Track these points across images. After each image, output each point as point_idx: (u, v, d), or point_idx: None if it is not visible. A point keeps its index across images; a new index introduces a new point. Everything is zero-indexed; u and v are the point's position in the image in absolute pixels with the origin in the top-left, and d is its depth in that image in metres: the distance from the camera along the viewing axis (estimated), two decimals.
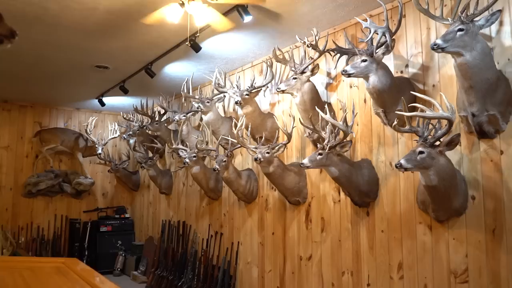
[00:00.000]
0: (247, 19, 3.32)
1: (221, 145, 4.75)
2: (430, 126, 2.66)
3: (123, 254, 6.90)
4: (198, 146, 4.64)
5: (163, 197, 6.61)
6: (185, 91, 4.88)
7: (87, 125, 6.92)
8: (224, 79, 4.68)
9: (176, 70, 5.10)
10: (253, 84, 4.23)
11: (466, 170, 2.81)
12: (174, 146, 5.07)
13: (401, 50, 3.26)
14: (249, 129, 4.12)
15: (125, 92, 5.54)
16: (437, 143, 2.58)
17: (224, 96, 4.92)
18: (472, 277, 2.72)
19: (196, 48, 3.90)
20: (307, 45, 3.52)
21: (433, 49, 2.46)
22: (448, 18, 2.64)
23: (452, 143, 2.53)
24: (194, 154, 4.84)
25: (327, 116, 3.15)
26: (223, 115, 5.13)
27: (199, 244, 5.53)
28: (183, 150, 4.98)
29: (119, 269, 6.81)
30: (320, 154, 3.19)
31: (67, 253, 7.05)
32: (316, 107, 3.35)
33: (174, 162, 6.36)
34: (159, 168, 6.39)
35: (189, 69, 5.03)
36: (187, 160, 4.81)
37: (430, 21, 3.07)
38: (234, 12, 3.36)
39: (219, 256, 5.08)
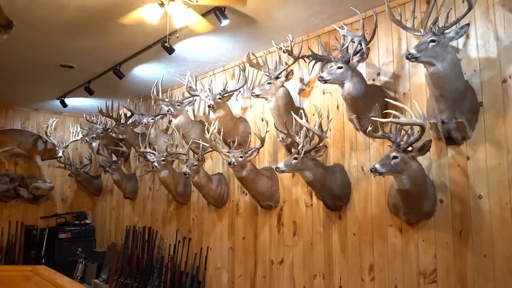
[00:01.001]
0: (225, 22, 3.32)
1: (191, 149, 4.69)
2: (403, 132, 2.77)
3: (83, 262, 6.62)
4: (168, 150, 4.56)
5: (127, 202, 6.42)
6: (155, 93, 4.79)
7: (47, 127, 6.61)
8: (195, 82, 4.64)
9: (145, 72, 4.99)
10: (226, 88, 4.22)
11: (434, 175, 2.94)
12: (142, 150, 4.95)
13: (373, 58, 3.37)
14: (222, 133, 4.10)
15: (90, 93, 5.36)
16: (410, 148, 2.68)
17: (195, 99, 4.87)
18: (440, 277, 2.85)
19: (170, 50, 3.84)
20: (283, 51, 3.56)
21: (407, 58, 2.57)
22: (420, 29, 2.77)
23: (424, 149, 2.64)
24: (163, 158, 4.74)
25: (303, 121, 3.20)
26: (193, 118, 5.07)
27: (166, 250, 5.41)
28: (151, 154, 4.87)
29: (78, 278, 6.52)
30: (295, 158, 3.23)
31: (22, 261, 6.66)
32: (292, 112, 3.39)
33: (140, 166, 6.20)
34: (124, 172, 6.21)
35: (159, 71, 4.94)
36: (156, 164, 4.70)
37: (401, 32, 3.20)
38: (211, 15, 3.35)
39: (187, 262, 5.00)
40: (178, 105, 4.65)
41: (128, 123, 5.66)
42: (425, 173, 2.81)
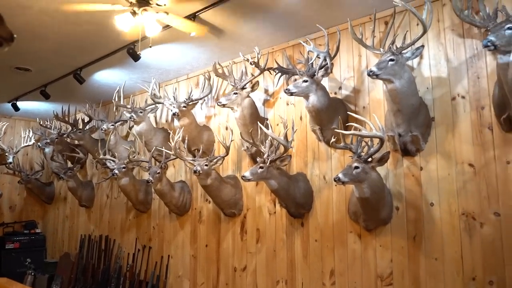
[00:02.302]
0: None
1: (154, 157, 4.66)
2: (363, 144, 2.94)
3: (33, 273, 6.28)
4: (130, 157, 4.50)
5: (82, 210, 6.21)
6: (117, 99, 4.72)
7: None
8: (159, 89, 4.62)
9: (107, 77, 4.90)
10: (190, 97, 4.26)
11: (391, 184, 3.15)
12: (101, 156, 4.84)
13: (335, 73, 3.56)
14: (186, 141, 4.12)
15: (46, 97, 5.16)
16: (370, 159, 2.86)
17: (157, 106, 4.85)
18: (396, 280, 3.04)
19: (136, 57, 3.82)
20: (250, 63, 3.66)
21: (368, 75, 2.75)
22: (380, 48, 2.98)
23: (383, 160, 2.83)
24: (124, 165, 4.67)
25: (270, 132, 3.31)
26: (155, 125, 5.04)
27: (124, 259, 5.30)
28: (111, 161, 4.78)
29: None
30: (261, 167, 3.32)
31: None
32: (258, 123, 3.49)
33: (97, 173, 6.04)
34: (80, 179, 6.00)
35: (121, 77, 4.88)
36: (116, 171, 4.62)
37: (362, 49, 3.41)
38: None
39: (147, 270, 4.93)
40: (141, 112, 4.61)
41: (85, 128, 5.51)
42: (383, 182, 3.01)
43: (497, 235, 2.66)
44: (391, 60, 2.75)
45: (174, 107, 4.13)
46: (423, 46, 2.89)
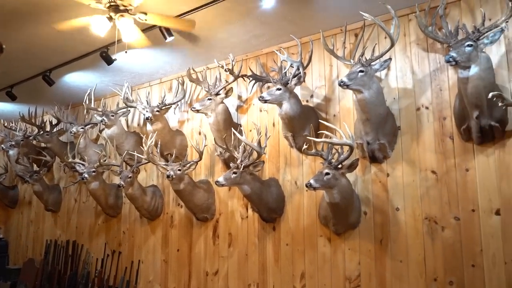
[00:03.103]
0: (170, 39, 3.39)
1: (125, 161, 4.62)
2: (334, 151, 3.06)
3: None
4: (101, 161, 4.44)
5: (48, 215, 6.04)
6: (87, 102, 4.65)
7: None
8: (131, 93, 4.60)
9: (77, 79, 4.82)
10: (164, 101, 4.26)
11: (359, 190, 3.29)
12: (70, 160, 4.74)
13: (307, 81, 3.66)
14: (159, 146, 4.12)
15: (12, 98, 5.01)
16: (340, 166, 2.97)
17: (129, 110, 4.81)
18: (364, 282, 3.17)
19: (109, 61, 3.80)
20: (225, 69, 3.71)
21: (340, 85, 2.87)
22: (350, 59, 3.12)
23: (352, 166, 2.95)
24: (94, 169, 4.60)
25: (244, 138, 3.37)
26: (126, 129, 5.00)
27: (92, 265, 5.20)
28: (80, 165, 4.70)
29: None
30: (234, 173, 3.38)
31: None
32: (232, 129, 3.55)
33: (64, 176, 5.90)
34: (46, 183, 5.84)
35: (92, 80, 4.81)
36: (86, 175, 4.55)
37: (333, 59, 3.53)
38: (156, 29, 3.40)
39: (116, 276, 4.86)
40: (112, 116, 4.57)
41: (53, 131, 5.38)
42: (352, 188, 3.13)
43: (456, 238, 2.84)
44: (361, 71, 2.89)
45: (147, 111, 4.12)
46: (390, 58, 3.04)
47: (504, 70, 2.78)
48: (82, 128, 4.91)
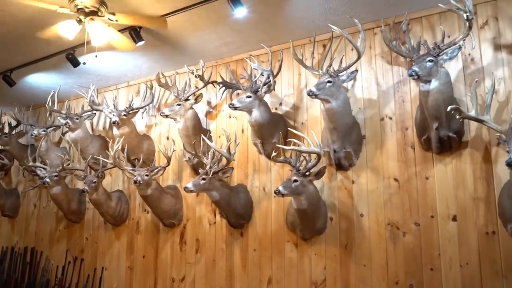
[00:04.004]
0: (140, 43, 3.36)
1: (89, 165, 4.51)
2: (302, 158, 3.13)
3: None
4: (65, 165, 4.31)
5: (5, 220, 5.77)
6: (50, 104, 4.51)
7: None
8: (97, 96, 4.50)
9: (40, 80, 4.66)
10: (131, 105, 4.20)
11: (326, 196, 3.38)
12: (31, 164, 4.57)
13: (276, 89, 3.73)
14: (125, 150, 4.05)
15: None
16: (308, 173, 3.05)
17: (95, 113, 4.70)
18: (329, 286, 3.26)
19: (75, 63, 3.71)
20: (195, 76, 3.72)
21: (308, 94, 2.95)
22: (319, 69, 3.21)
23: (320, 174, 3.04)
24: (56, 173, 4.45)
25: (213, 144, 3.39)
26: (91, 132, 4.88)
27: (52, 272, 5.02)
28: (41, 168, 4.54)
29: None
30: (203, 179, 3.39)
31: None
32: (202, 135, 3.56)
33: (23, 180, 5.66)
34: (3, 187, 5.59)
35: (56, 81, 4.67)
36: (47, 180, 4.39)
37: (301, 68, 3.62)
38: (125, 33, 3.36)
39: (78, 284, 4.71)
40: (77, 118, 4.45)
41: (12, 133, 5.17)
42: (319, 195, 3.22)
43: (417, 243, 2.98)
44: (329, 82, 2.98)
45: (114, 115, 4.05)
46: (357, 70, 3.16)
47: (461, 85, 2.96)
48: (44, 130, 4.75)
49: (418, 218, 3.00)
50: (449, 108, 2.49)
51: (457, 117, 2.51)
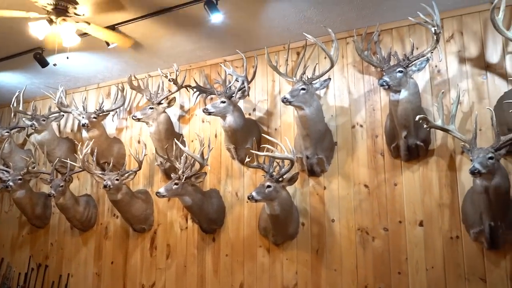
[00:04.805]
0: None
1: (56, 168, 4.37)
2: (275, 164, 3.16)
3: None
4: (30, 168, 4.15)
5: None
6: (15, 105, 4.34)
7: None
8: (65, 97, 4.38)
9: (4, 79, 4.49)
10: (102, 107, 4.12)
11: (298, 201, 3.42)
12: None
13: (250, 95, 3.74)
14: (95, 154, 3.95)
15: None
16: (281, 179, 3.08)
17: (62, 115, 4.56)
18: None
19: (43, 63, 3.60)
20: (168, 79, 3.68)
21: (283, 101, 2.98)
22: (293, 77, 3.26)
23: (293, 180, 3.08)
24: (20, 177, 4.28)
25: (186, 149, 3.37)
26: (58, 135, 4.73)
27: (14, 280, 4.81)
28: (4, 171, 4.36)
29: None
30: (176, 184, 3.36)
31: None
32: (175, 139, 3.52)
33: None
34: None
35: (22, 80, 4.50)
36: (11, 183, 4.22)
37: (275, 74, 3.65)
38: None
39: None
40: (44, 120, 4.31)
41: None
42: (292, 200, 3.26)
43: (385, 247, 3.07)
44: (303, 89, 3.03)
45: (83, 117, 3.95)
46: (330, 78, 3.23)
47: (428, 95, 3.08)
48: (7, 132, 4.57)
49: (386, 224, 3.09)
50: (417, 117, 2.59)
51: (425, 126, 2.62)
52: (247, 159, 3.19)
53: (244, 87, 3.38)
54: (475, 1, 2.96)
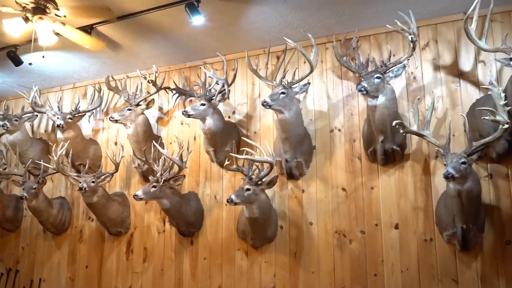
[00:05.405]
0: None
1: (29, 170, 4.25)
2: (254, 167, 3.17)
3: None
4: (1, 169, 4.02)
5: None
6: None
7: None
8: (40, 97, 4.27)
9: None
10: (78, 108, 4.03)
11: (277, 204, 3.44)
12: None
13: (230, 98, 3.74)
14: (70, 155, 3.86)
15: None
16: (260, 182, 3.09)
17: (36, 115, 4.44)
18: None
19: (17, 61, 3.50)
20: (148, 81, 3.64)
21: (263, 105, 3.00)
22: (272, 80, 3.28)
23: (272, 183, 3.09)
24: None
25: (165, 151, 3.34)
26: (31, 135, 4.59)
27: None
28: None
29: None
30: (154, 186, 3.32)
31: None
32: (153, 141, 3.49)
33: None
34: None
35: None
36: None
37: (255, 78, 3.66)
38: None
39: None
40: (16, 120, 4.19)
41: None
42: (271, 203, 3.27)
43: (362, 250, 3.12)
44: (283, 93, 3.05)
45: (58, 118, 3.86)
46: (309, 83, 3.27)
47: (404, 101, 3.16)
48: None
49: (363, 226, 3.15)
50: (394, 122, 2.65)
51: (401, 131, 2.68)
52: (226, 162, 3.18)
53: (225, 90, 3.38)
54: (450, 11, 3.06)
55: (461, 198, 2.55)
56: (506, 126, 2.38)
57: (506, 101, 2.42)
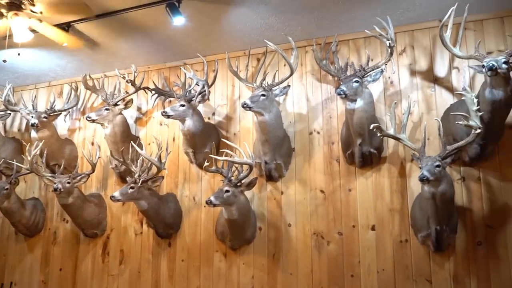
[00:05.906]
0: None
1: (1, 170, 4.12)
2: (233, 169, 3.17)
3: None
4: None
5: None
6: None
7: None
8: (13, 95, 4.15)
9: None
10: (53, 107, 3.94)
11: (256, 206, 3.45)
12: None
13: (210, 99, 3.73)
14: (44, 155, 3.77)
15: None
16: (239, 184, 3.09)
17: (9, 114, 4.31)
18: None
19: None
20: (126, 80, 3.59)
21: (243, 107, 3.01)
22: (253, 82, 3.30)
23: (251, 185, 3.10)
24: None
25: (143, 152, 3.30)
26: (3, 134, 4.46)
27: None
28: None
29: None
30: (132, 188, 3.28)
31: None
32: (132, 142, 3.44)
33: None
34: None
35: None
36: None
37: (235, 79, 3.66)
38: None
39: None
40: None
41: None
42: (250, 205, 3.28)
43: (339, 251, 3.16)
44: (263, 95, 3.07)
45: (33, 117, 3.76)
46: (289, 85, 3.30)
47: (382, 105, 3.22)
48: None
49: (341, 228, 3.19)
50: (371, 126, 2.70)
51: (378, 134, 2.74)
52: (205, 164, 3.17)
53: (205, 91, 3.37)
54: (426, 18, 3.15)
55: (435, 200, 2.62)
56: (479, 130, 2.47)
57: (478, 107, 2.51)
